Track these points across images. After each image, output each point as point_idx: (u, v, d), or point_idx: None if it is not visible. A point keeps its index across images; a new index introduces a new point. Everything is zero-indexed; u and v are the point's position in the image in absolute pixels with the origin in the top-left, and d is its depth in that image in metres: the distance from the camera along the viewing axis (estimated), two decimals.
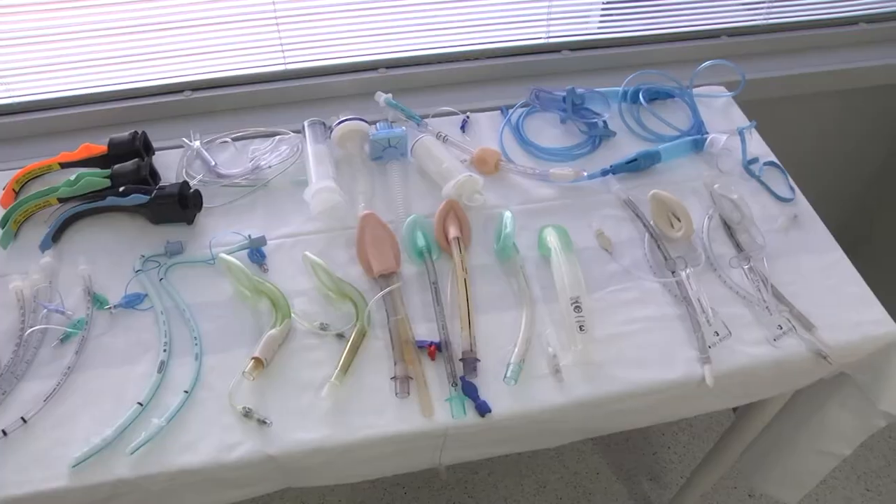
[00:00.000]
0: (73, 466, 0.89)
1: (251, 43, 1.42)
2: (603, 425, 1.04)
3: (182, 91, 1.45)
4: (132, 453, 0.89)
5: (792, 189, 1.23)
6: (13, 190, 1.25)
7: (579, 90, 1.34)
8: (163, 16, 1.35)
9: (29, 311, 1.07)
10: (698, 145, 1.27)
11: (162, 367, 0.98)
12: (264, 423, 0.92)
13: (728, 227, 1.16)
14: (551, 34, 1.52)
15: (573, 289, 1.02)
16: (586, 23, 1.56)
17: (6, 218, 1.18)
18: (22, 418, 0.94)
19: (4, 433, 0.92)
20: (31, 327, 1.04)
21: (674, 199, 1.13)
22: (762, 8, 1.61)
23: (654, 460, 1.85)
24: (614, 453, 1.85)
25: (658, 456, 1.85)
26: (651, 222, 1.15)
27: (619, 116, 1.35)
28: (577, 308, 1.00)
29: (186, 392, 0.96)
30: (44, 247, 1.15)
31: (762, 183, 1.24)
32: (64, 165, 1.27)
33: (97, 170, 1.23)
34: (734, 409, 1.48)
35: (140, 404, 0.94)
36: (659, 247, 1.12)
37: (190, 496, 0.97)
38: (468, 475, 1.78)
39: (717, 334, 1.00)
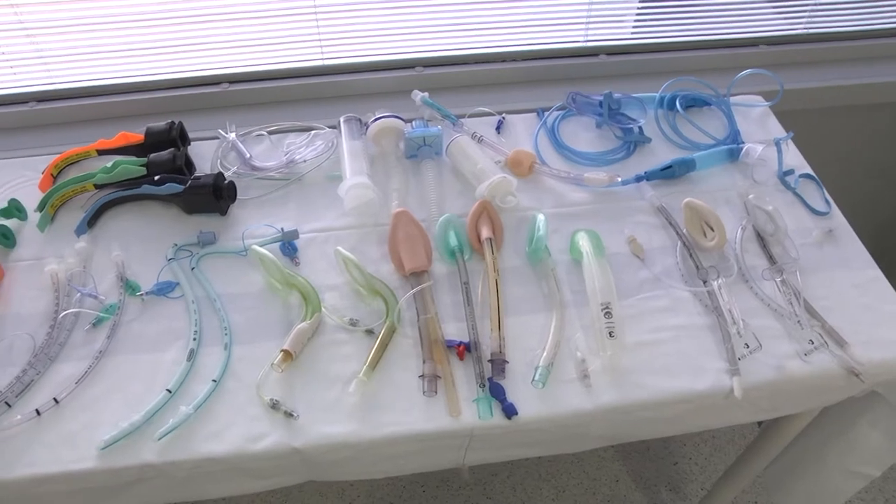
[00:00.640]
0: (102, 449, 0.90)
1: (290, 37, 1.43)
2: (628, 432, 1.04)
3: (219, 83, 1.47)
4: (159, 439, 0.90)
5: (828, 202, 1.22)
6: (51, 175, 1.27)
7: (616, 95, 1.33)
8: (203, 7, 1.37)
9: (63, 295, 1.08)
10: (734, 155, 1.26)
11: (191, 355, 1.00)
12: (291, 415, 0.92)
13: (761, 239, 1.15)
14: (589, 37, 1.51)
15: (604, 294, 1.01)
16: (621, 27, 1.55)
17: (44, 202, 1.20)
18: (54, 399, 0.95)
19: (38, 412, 0.94)
20: (65, 310, 1.06)
21: (707, 208, 1.13)
22: (803, 17, 1.60)
23: (674, 470, 1.84)
24: (634, 461, 1.84)
25: (679, 466, 1.84)
26: (684, 230, 1.14)
27: (654, 123, 1.34)
28: (608, 314, 0.99)
29: (215, 381, 0.97)
30: (79, 232, 1.17)
31: (797, 195, 1.22)
32: (101, 152, 1.29)
33: (133, 158, 1.24)
34: (759, 423, 1.47)
35: (168, 391, 0.95)
36: (691, 255, 1.11)
37: (214, 485, 0.98)
38: (487, 476, 1.78)
39: (748, 346, 0.99)
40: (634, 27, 1.55)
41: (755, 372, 0.97)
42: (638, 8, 1.52)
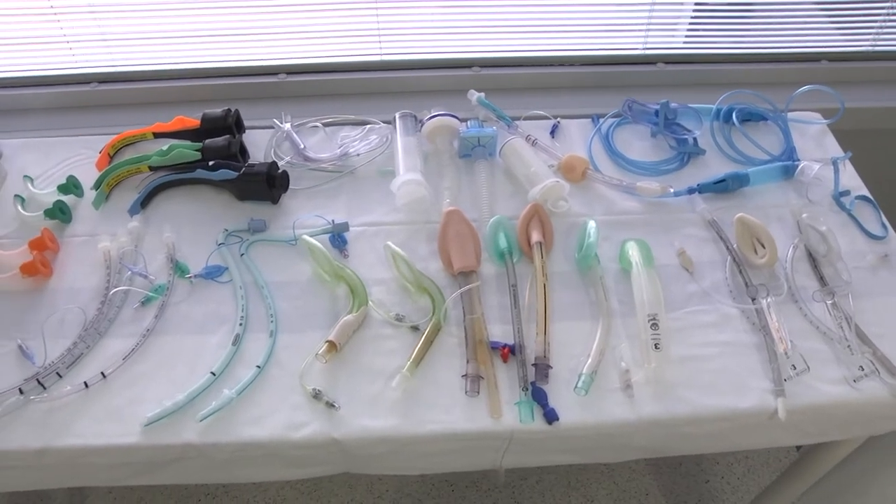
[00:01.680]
0: (145, 425, 0.92)
1: (350, 31, 1.44)
2: (667, 446, 1.03)
3: (277, 73, 1.49)
4: (201, 420, 0.92)
5: (885, 227, 1.19)
6: (108, 154, 1.30)
7: (672, 105, 1.32)
8: None
9: (114, 272, 1.11)
10: (788, 172, 1.24)
11: (237, 339, 1.01)
12: (333, 406, 0.93)
13: (813, 260, 1.13)
14: (648, 45, 1.50)
15: (652, 305, 1.00)
16: (674, 35, 1.53)
17: (100, 180, 1.23)
18: (102, 373, 0.97)
19: (86, 385, 0.96)
20: (116, 287, 1.08)
21: (760, 224, 1.11)
22: (869, 34, 1.56)
23: (706, 489, 1.81)
24: (666, 476, 1.82)
25: (710, 484, 1.82)
26: (734, 246, 1.13)
27: (709, 135, 1.33)
28: (654, 325, 0.98)
29: (259, 367, 0.98)
30: (132, 212, 1.20)
31: (853, 217, 1.20)
32: (157, 135, 1.32)
33: (188, 142, 1.26)
34: (797, 447, 1.44)
35: (213, 374, 0.97)
36: (741, 272, 1.09)
37: (251, 469, 0.99)
38: (517, 480, 1.77)
39: (794, 368, 0.97)
40: (687, 36, 1.53)
41: (801, 394, 0.96)
42: (691, 16, 1.51)
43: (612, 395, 0.95)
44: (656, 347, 0.97)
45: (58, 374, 0.98)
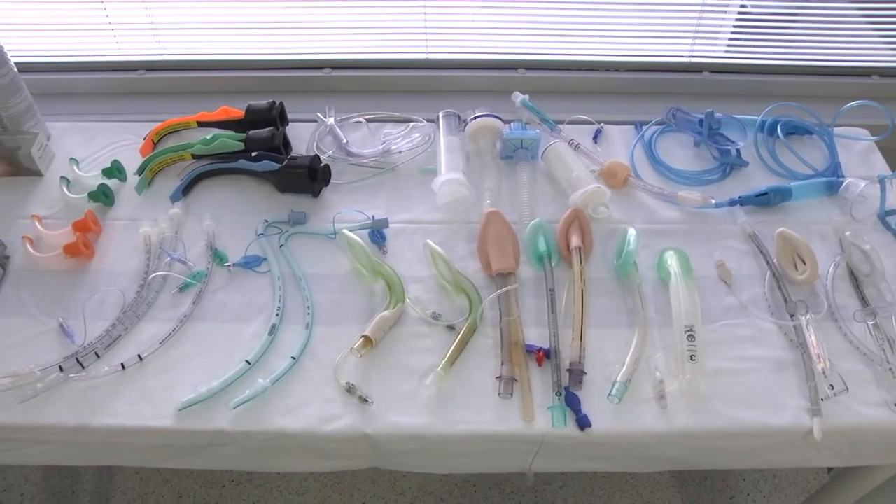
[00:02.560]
0: (179, 410, 0.93)
1: (396, 28, 1.45)
2: (698, 459, 1.02)
3: (322, 68, 1.50)
4: (234, 408, 0.93)
5: None
6: (152, 141, 1.32)
7: (717, 115, 1.31)
8: None
9: (154, 257, 1.12)
10: (833, 188, 1.22)
11: (273, 330, 1.02)
12: (365, 401, 0.94)
13: (855, 279, 1.11)
14: (694, 53, 1.48)
15: (689, 317, 0.99)
16: (715, 44, 1.52)
17: (143, 166, 1.25)
18: (138, 356, 0.99)
19: (123, 367, 0.98)
20: (155, 272, 1.10)
21: (801, 240, 1.10)
22: None
23: None
24: (690, 490, 1.80)
25: (735, 501, 1.79)
26: (774, 260, 1.11)
27: (753, 146, 1.31)
28: (691, 337, 0.97)
29: (293, 358, 0.98)
30: (174, 198, 1.21)
31: None
32: (201, 124, 1.33)
33: (232, 132, 1.28)
34: (829, 469, 1.42)
35: (248, 362, 0.98)
36: (780, 287, 1.08)
37: (281, 459, 1.00)
38: (540, 485, 1.77)
39: (832, 388, 0.95)
40: (728, 45, 1.51)
41: (838, 415, 0.94)
42: (734, 25, 1.49)
43: (645, 405, 0.94)
44: (692, 359, 0.96)
45: (96, 354, 1.00)
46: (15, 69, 1.25)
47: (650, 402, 0.95)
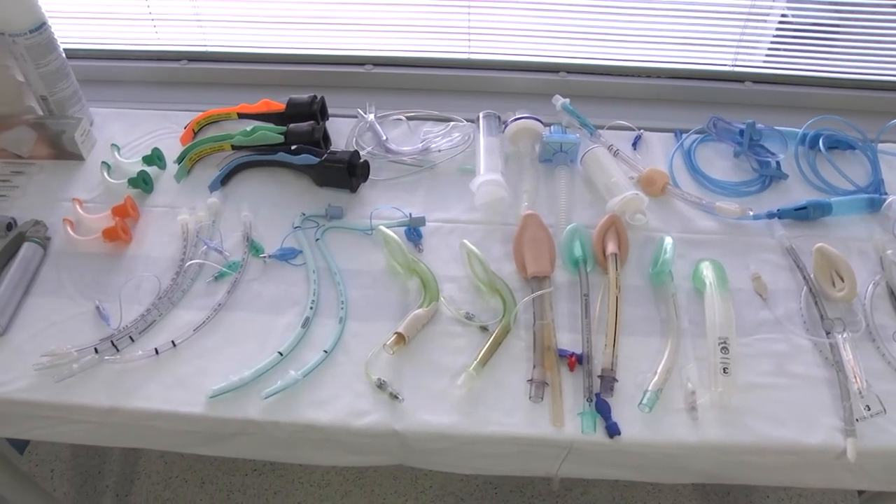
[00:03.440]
0: (210, 397, 0.94)
1: (440, 27, 1.45)
2: (725, 473, 1.01)
3: (364, 64, 1.51)
4: (265, 398, 0.93)
5: None
6: (193, 130, 1.33)
7: (758, 125, 1.29)
8: None
9: (190, 245, 1.14)
10: (874, 205, 1.20)
11: (306, 322, 1.02)
12: (396, 397, 0.94)
13: (895, 298, 1.09)
14: (738, 62, 1.47)
15: (723, 329, 0.98)
16: (754, 53, 1.50)
17: (183, 155, 1.26)
18: (172, 342, 1.00)
19: (156, 352, 0.99)
20: (191, 260, 1.11)
21: (840, 256, 1.08)
22: None
23: None
24: (713, 503, 1.79)
25: None
26: (812, 276, 1.10)
27: (793, 159, 1.29)
28: (724, 349, 0.97)
29: (326, 352, 0.99)
30: (212, 188, 1.22)
31: None
32: (242, 116, 1.34)
33: (272, 125, 1.29)
34: (859, 492, 1.39)
35: (280, 354, 0.98)
36: (816, 303, 1.06)
37: (309, 451, 1.01)
38: (562, 491, 1.76)
39: (869, 408, 0.94)
40: (767, 54, 1.49)
41: (873, 437, 0.92)
42: (774, 35, 1.46)
43: (675, 416, 0.94)
44: (725, 372, 0.95)
45: (130, 338, 1.01)
46: (63, 55, 1.27)
47: (681, 413, 0.94)
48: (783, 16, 1.43)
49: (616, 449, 0.92)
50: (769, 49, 1.48)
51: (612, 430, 0.91)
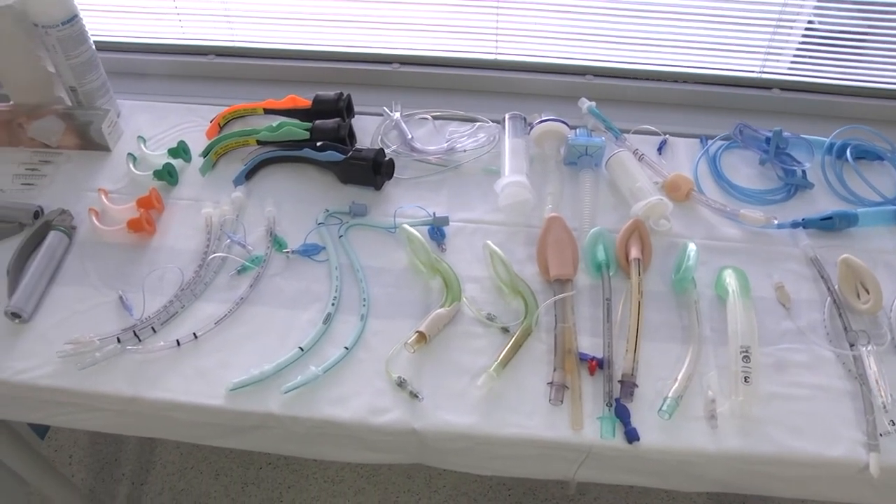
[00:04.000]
0: (230, 390, 0.95)
1: (468, 28, 1.45)
2: (744, 484, 1.00)
3: (391, 63, 1.51)
4: (285, 392, 0.94)
5: None
6: (219, 125, 1.34)
7: (785, 133, 1.28)
8: None
9: (214, 238, 1.14)
10: None
11: (328, 318, 1.03)
12: (416, 396, 0.94)
13: None
14: (765, 69, 1.46)
15: (745, 337, 0.98)
16: (779, 60, 1.48)
17: (208, 149, 1.27)
18: (194, 334, 1.01)
19: (178, 343, 1.00)
20: (214, 253, 1.11)
21: (865, 268, 1.07)
22: None
23: None
24: None
25: None
26: (836, 287, 1.08)
27: (820, 169, 1.28)
28: (746, 358, 0.96)
29: (346, 348, 0.99)
30: (237, 182, 1.23)
31: None
32: (268, 111, 1.35)
33: (298, 121, 1.29)
34: None
35: (301, 349, 0.99)
36: (841, 315, 1.05)
37: (326, 447, 1.01)
38: (576, 495, 1.75)
39: (893, 423, 0.92)
40: (793, 62, 1.47)
41: None
42: (799, 42, 1.45)
43: (695, 423, 0.93)
44: (746, 381, 0.94)
45: (153, 328, 1.02)
46: (93, 47, 1.28)
47: (700, 421, 0.93)
48: (809, 22, 1.42)
49: (634, 455, 0.91)
50: (794, 56, 1.46)
51: (631, 436, 0.90)
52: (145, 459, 1.83)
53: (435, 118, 1.38)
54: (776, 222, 1.16)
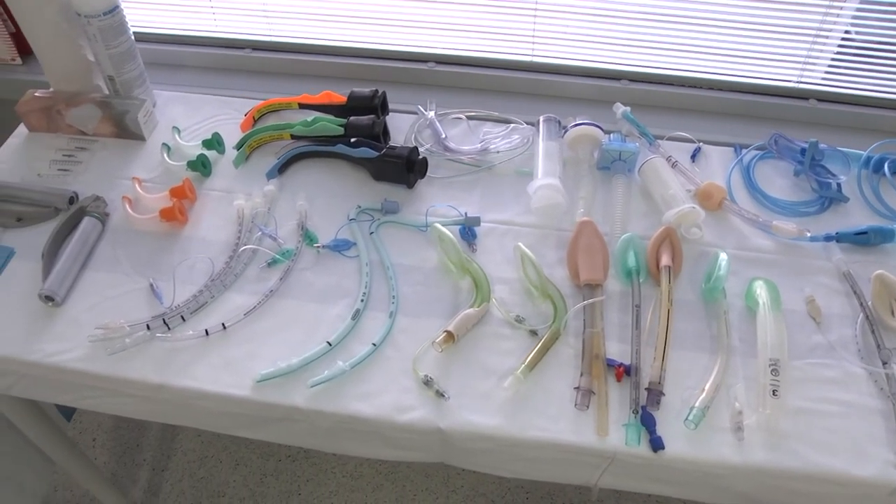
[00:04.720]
0: (257, 381, 0.95)
1: (505, 29, 1.45)
2: (769, 498, 0.98)
3: (427, 61, 1.51)
4: (312, 386, 0.94)
5: None
6: (253, 118, 1.35)
7: (821, 145, 1.26)
8: None
9: (245, 230, 1.15)
10: None
11: (356, 314, 1.03)
12: (442, 395, 0.94)
13: None
14: (803, 79, 1.44)
15: (774, 350, 0.97)
16: (813, 71, 1.46)
17: (242, 141, 1.28)
18: (223, 324, 1.02)
19: (207, 333, 1.00)
20: (245, 245, 1.12)
21: None
22: None
23: None
24: None
25: None
26: (869, 303, 1.07)
27: (855, 182, 1.26)
28: (775, 371, 0.95)
29: (374, 345, 0.99)
30: (270, 175, 1.24)
31: None
32: (303, 106, 1.36)
33: (332, 117, 1.30)
34: None
35: (329, 343, 0.99)
36: (873, 332, 1.03)
37: (350, 442, 1.01)
38: (595, 502, 1.75)
39: None
40: (827, 72, 1.45)
41: None
42: (835, 53, 1.43)
43: (721, 435, 0.92)
44: (774, 394, 0.93)
45: (182, 317, 1.03)
46: (132, 38, 1.29)
47: (726, 433, 0.92)
48: (846, 32, 1.40)
49: (658, 463, 0.91)
50: (829, 66, 1.44)
51: (657, 444, 0.90)
52: (166, 446, 1.84)
53: (469, 118, 1.38)
54: (809, 235, 1.15)
